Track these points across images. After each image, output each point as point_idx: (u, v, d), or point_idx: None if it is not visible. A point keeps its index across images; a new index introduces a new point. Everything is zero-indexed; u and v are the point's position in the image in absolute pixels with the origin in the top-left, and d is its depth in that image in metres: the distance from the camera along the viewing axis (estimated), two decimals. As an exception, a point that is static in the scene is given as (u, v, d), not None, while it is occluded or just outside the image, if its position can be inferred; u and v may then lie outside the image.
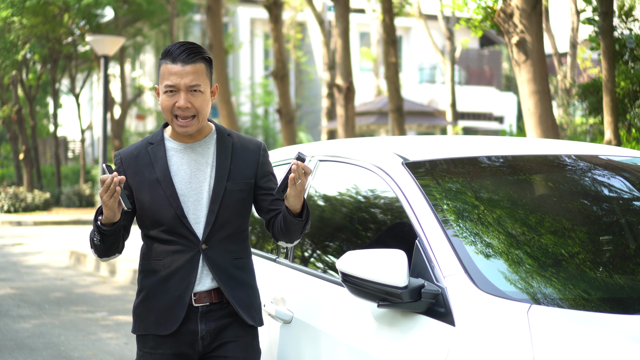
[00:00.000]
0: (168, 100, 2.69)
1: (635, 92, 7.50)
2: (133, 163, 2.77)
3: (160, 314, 2.72)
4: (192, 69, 2.67)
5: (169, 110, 2.70)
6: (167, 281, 2.71)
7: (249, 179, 2.77)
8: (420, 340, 2.35)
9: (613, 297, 2.40)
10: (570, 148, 3.31)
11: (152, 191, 2.72)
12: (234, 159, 2.77)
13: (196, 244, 2.71)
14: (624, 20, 8.00)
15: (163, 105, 2.71)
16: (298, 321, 2.94)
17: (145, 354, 2.76)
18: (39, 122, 32.11)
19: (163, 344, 2.72)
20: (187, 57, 2.67)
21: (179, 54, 2.67)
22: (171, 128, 2.79)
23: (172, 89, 2.67)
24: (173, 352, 2.72)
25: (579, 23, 15.95)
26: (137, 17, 25.67)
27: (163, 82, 2.69)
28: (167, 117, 2.72)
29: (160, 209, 2.71)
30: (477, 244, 2.55)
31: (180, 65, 2.66)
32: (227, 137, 2.81)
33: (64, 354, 6.29)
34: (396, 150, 2.99)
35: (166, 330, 2.70)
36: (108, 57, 13.17)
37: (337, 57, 12.55)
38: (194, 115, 2.70)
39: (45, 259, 12.65)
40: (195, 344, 2.72)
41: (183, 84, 2.66)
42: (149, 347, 2.74)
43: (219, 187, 2.72)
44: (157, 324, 2.72)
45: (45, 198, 22.75)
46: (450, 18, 24.23)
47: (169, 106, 2.69)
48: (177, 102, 2.67)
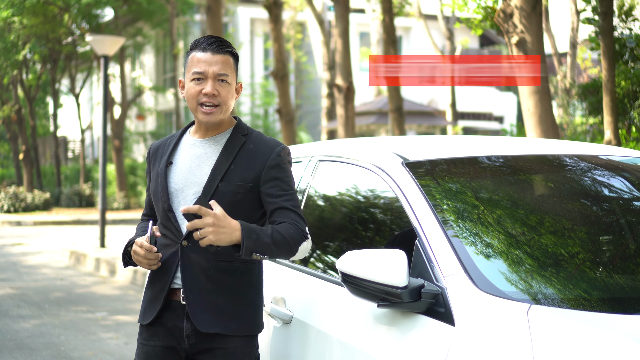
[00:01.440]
0: (195, 87, 2.69)
1: (635, 92, 7.50)
2: (154, 155, 2.87)
3: (147, 305, 2.78)
4: (221, 59, 2.69)
5: (194, 97, 2.69)
6: (156, 273, 2.77)
7: (246, 181, 2.69)
8: (420, 340, 2.35)
9: (613, 297, 2.40)
10: (570, 148, 3.31)
11: (155, 182, 2.81)
12: (237, 159, 2.72)
13: (178, 239, 2.70)
14: (624, 20, 8.00)
15: (189, 93, 2.70)
16: (298, 321, 2.94)
17: (140, 344, 2.80)
18: (38, 122, 32.10)
19: (154, 337, 2.75)
20: (216, 47, 2.70)
21: (208, 44, 2.70)
22: (195, 124, 2.82)
23: (200, 76, 2.68)
24: (164, 345, 2.73)
25: (579, 23, 15.95)
26: (137, 17, 25.66)
27: (191, 70, 2.70)
28: (191, 105, 2.72)
29: (156, 200, 2.79)
30: (477, 244, 2.55)
31: (210, 53, 2.69)
32: (240, 137, 2.77)
33: (63, 354, 6.28)
34: (396, 150, 2.99)
35: (145, 320, 2.76)
36: (108, 57, 13.17)
37: (337, 57, 12.55)
38: (218, 104, 2.69)
39: (45, 259, 12.65)
40: (182, 341, 2.71)
41: (211, 71, 2.68)
42: (143, 338, 2.79)
43: (209, 186, 2.68)
44: (143, 314, 2.79)
45: (45, 198, 22.76)
46: (450, 18, 24.24)
47: (195, 93, 2.69)
48: (204, 88, 2.68)
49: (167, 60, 32.55)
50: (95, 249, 12.36)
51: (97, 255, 11.55)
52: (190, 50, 2.75)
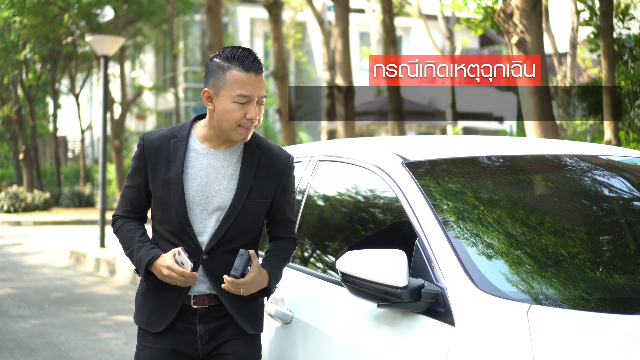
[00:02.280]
0: (238, 110, 2.61)
1: (635, 92, 7.50)
2: (153, 153, 2.72)
3: (153, 312, 2.74)
4: (262, 80, 2.65)
5: (236, 120, 2.62)
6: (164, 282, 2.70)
7: (267, 197, 2.73)
8: (420, 340, 2.35)
9: (613, 297, 2.40)
10: (570, 148, 3.31)
11: (164, 190, 2.69)
12: (257, 174, 2.71)
13: (197, 253, 2.68)
14: (622, 20, 8.00)
15: (232, 115, 2.61)
16: (298, 321, 2.94)
17: (144, 347, 2.77)
18: (38, 122, 32.09)
19: (161, 340, 2.73)
20: (259, 67, 2.63)
21: (251, 64, 2.61)
22: (205, 128, 2.72)
23: (246, 99, 2.61)
24: (171, 348, 2.72)
25: (579, 23, 15.94)
26: (137, 16, 25.67)
27: (235, 91, 2.60)
28: (228, 125, 2.63)
29: (168, 210, 2.69)
30: (477, 244, 2.55)
31: (254, 75, 2.61)
32: (255, 148, 2.74)
33: (63, 354, 6.28)
34: (396, 150, 2.99)
35: (155, 328, 2.72)
36: (108, 57, 13.17)
37: (337, 57, 12.55)
38: (255, 125, 2.67)
39: (45, 259, 12.64)
40: (195, 342, 2.72)
41: (257, 95, 2.63)
42: (149, 342, 2.75)
43: (236, 204, 2.67)
44: (148, 321, 2.74)
45: (45, 198, 22.76)
46: (450, 18, 24.22)
47: (239, 116, 2.61)
48: (248, 112, 2.61)
49: (167, 60, 32.55)
50: (95, 249, 12.36)
51: (97, 255, 11.55)
52: (225, 61, 2.63)
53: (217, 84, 2.63)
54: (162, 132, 2.77)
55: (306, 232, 3.28)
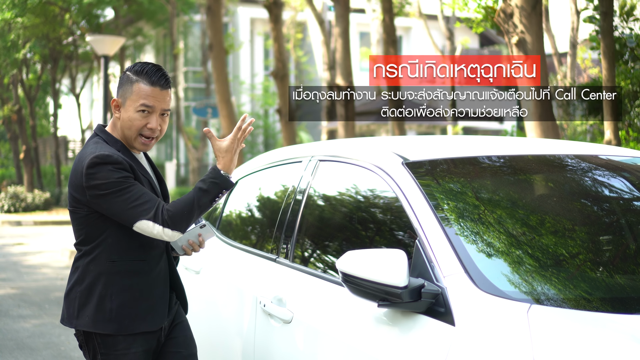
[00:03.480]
0: (140, 120, 2.84)
1: (635, 92, 7.50)
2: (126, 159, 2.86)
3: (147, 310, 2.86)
4: (167, 95, 2.86)
5: (137, 128, 2.84)
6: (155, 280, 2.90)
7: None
8: (420, 340, 2.35)
9: (613, 297, 2.40)
10: (570, 148, 3.31)
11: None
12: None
13: (165, 243, 2.96)
14: (625, 19, 7.99)
15: (134, 124, 2.84)
16: (298, 321, 2.94)
17: (119, 355, 2.81)
18: (39, 122, 32.09)
19: (134, 343, 2.82)
20: (165, 83, 2.85)
21: (157, 79, 2.83)
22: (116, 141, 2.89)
23: (147, 109, 2.83)
24: (144, 349, 2.85)
25: (579, 23, 15.94)
26: (138, 16, 25.66)
27: (138, 101, 2.83)
28: (130, 133, 2.86)
29: None
30: (477, 244, 2.55)
31: (158, 89, 2.83)
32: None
33: (64, 354, 6.29)
34: (396, 150, 2.99)
35: (156, 325, 2.87)
36: (108, 57, 13.17)
37: (337, 57, 12.54)
38: (156, 136, 2.88)
39: (45, 258, 12.64)
40: (161, 336, 2.93)
41: (160, 107, 2.85)
42: (123, 348, 2.80)
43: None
44: (146, 320, 2.84)
45: (46, 198, 22.75)
46: (450, 18, 24.22)
47: (140, 125, 2.84)
48: (149, 123, 2.84)
49: (167, 60, 32.55)
50: (95, 249, 12.34)
51: (97, 255, 11.54)
52: (134, 74, 2.84)
53: (125, 95, 2.87)
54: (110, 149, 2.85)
55: (306, 232, 3.28)
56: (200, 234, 2.91)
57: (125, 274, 2.81)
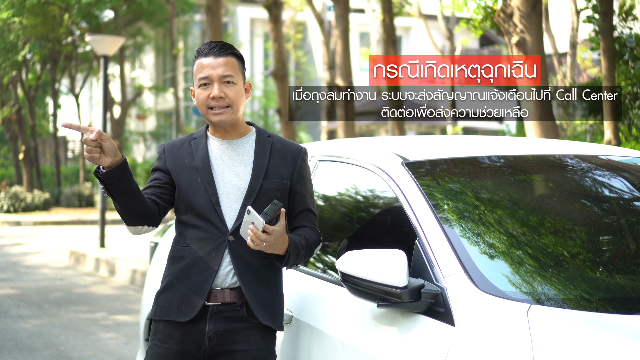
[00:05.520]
0: (203, 93, 2.76)
1: (635, 92, 7.50)
2: (175, 151, 2.84)
3: (182, 301, 2.73)
4: (224, 61, 2.75)
5: (204, 103, 2.76)
6: (191, 268, 2.73)
7: (285, 179, 2.80)
8: (420, 340, 2.34)
9: (613, 297, 2.40)
10: (570, 148, 3.31)
11: (189, 176, 2.78)
12: (272, 158, 2.81)
13: (224, 234, 2.72)
14: (624, 19, 7.99)
15: (199, 99, 2.77)
16: (298, 321, 2.94)
17: (153, 345, 2.78)
18: (38, 122, 32.09)
19: (170, 339, 2.73)
20: (218, 51, 2.76)
21: (210, 49, 2.76)
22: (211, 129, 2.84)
23: (206, 81, 2.74)
24: (179, 349, 2.72)
25: (579, 23, 15.93)
26: (137, 16, 25.66)
27: (197, 77, 2.76)
28: (202, 111, 2.78)
29: (195, 193, 2.75)
30: (477, 244, 2.55)
31: (212, 57, 2.75)
32: (266, 138, 2.86)
33: (63, 354, 6.28)
34: (396, 150, 2.99)
35: (185, 317, 2.70)
36: (108, 57, 13.17)
37: (337, 57, 12.54)
38: (228, 105, 2.75)
39: (44, 259, 12.64)
40: (202, 343, 2.71)
41: (216, 74, 2.74)
42: (157, 340, 2.76)
43: (255, 183, 2.75)
44: (178, 310, 2.73)
45: (45, 198, 22.75)
46: (450, 18, 24.23)
47: (204, 99, 2.75)
48: (211, 92, 2.74)
49: (167, 60, 32.55)
50: (95, 249, 12.36)
51: (96, 255, 11.55)
52: (195, 58, 2.81)
53: (193, 80, 2.82)
54: (181, 138, 2.92)
55: (306, 232, 3.28)
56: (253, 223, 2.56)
57: (173, 259, 2.79)
